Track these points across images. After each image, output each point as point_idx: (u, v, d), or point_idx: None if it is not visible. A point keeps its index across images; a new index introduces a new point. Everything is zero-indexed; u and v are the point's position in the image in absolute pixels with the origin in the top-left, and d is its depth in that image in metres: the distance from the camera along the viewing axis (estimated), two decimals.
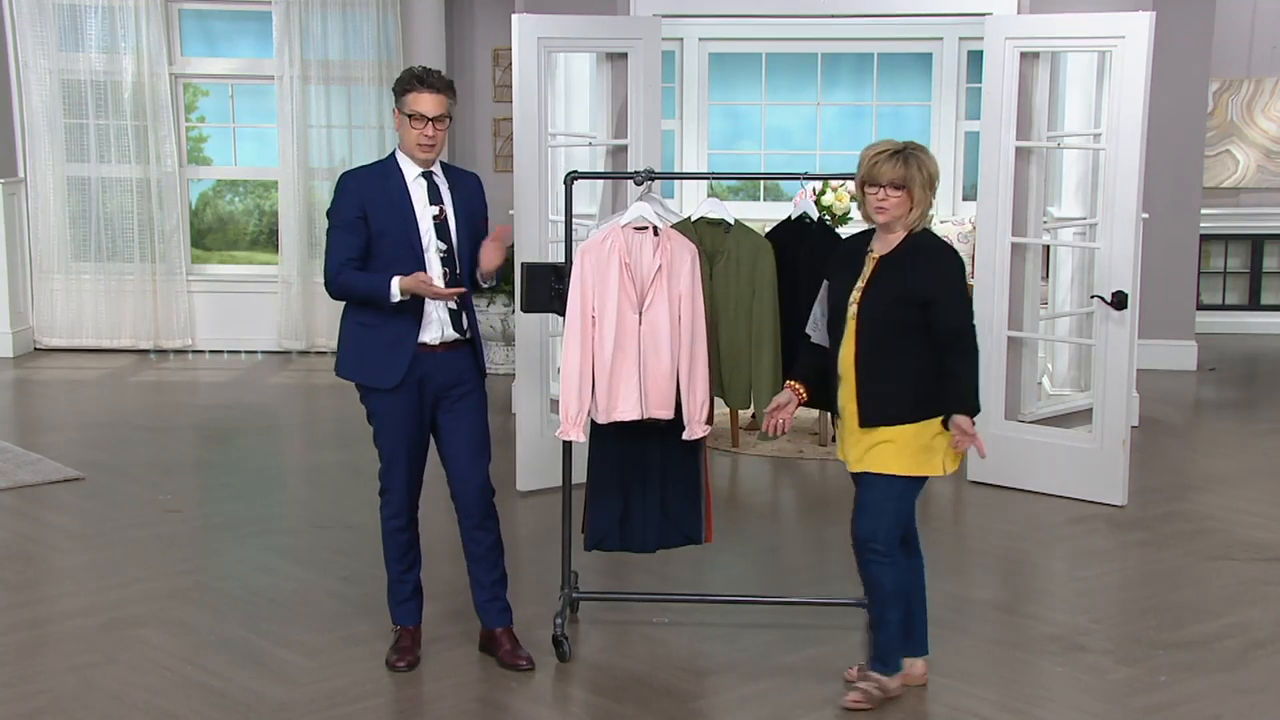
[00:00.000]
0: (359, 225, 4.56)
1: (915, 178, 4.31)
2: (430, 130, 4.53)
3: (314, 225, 10.18)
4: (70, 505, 6.63)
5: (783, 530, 6.60)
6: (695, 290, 4.74)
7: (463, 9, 10.33)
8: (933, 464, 4.39)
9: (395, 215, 4.57)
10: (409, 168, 4.62)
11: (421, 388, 4.64)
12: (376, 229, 4.56)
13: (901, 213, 4.34)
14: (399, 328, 4.58)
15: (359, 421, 4.88)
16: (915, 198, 4.32)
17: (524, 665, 4.75)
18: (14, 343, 10.08)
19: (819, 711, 4.49)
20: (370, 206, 4.56)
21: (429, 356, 4.62)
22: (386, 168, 4.65)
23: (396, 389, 4.61)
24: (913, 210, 4.35)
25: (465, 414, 4.70)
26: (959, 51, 10.48)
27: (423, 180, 4.62)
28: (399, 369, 4.59)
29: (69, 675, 4.71)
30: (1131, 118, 6.45)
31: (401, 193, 4.59)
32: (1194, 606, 5.43)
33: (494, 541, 4.82)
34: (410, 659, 4.79)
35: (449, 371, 4.66)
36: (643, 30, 6.93)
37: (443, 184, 4.65)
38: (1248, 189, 10.90)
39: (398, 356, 4.59)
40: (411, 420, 4.65)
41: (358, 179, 4.64)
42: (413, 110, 4.53)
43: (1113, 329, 6.65)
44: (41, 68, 10.00)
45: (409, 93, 4.53)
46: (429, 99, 4.52)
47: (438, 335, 4.62)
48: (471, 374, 4.70)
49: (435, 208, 4.61)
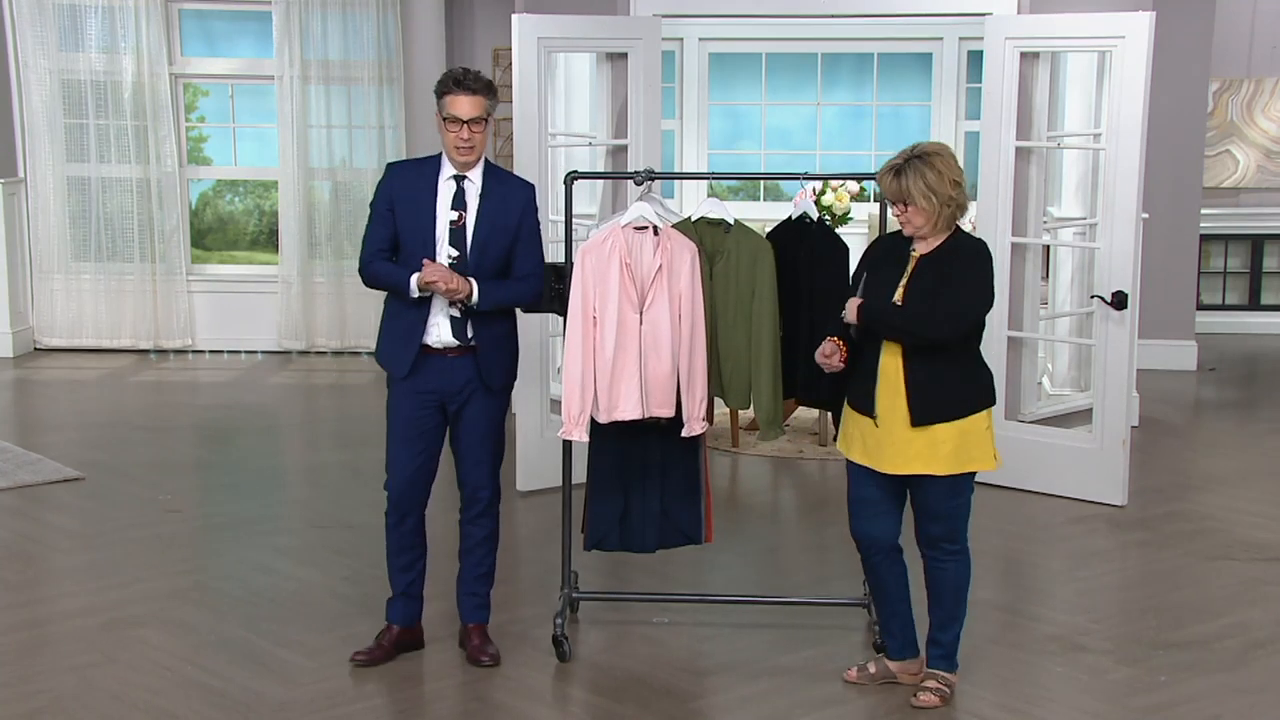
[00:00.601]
0: (388, 217, 4.63)
1: (911, 190, 4.29)
2: (465, 133, 4.54)
3: (314, 225, 10.19)
4: (70, 505, 6.63)
5: (783, 530, 6.60)
6: (695, 289, 4.74)
7: (463, 9, 10.33)
8: (984, 458, 4.42)
9: (416, 214, 4.60)
10: (446, 168, 4.63)
11: (431, 389, 4.65)
12: (401, 224, 4.60)
13: (922, 223, 4.33)
14: (411, 322, 4.63)
15: (359, 421, 4.89)
16: (925, 207, 4.30)
17: (485, 661, 4.78)
18: (14, 343, 10.08)
19: (819, 711, 4.50)
20: (398, 201, 4.61)
21: (435, 359, 4.64)
22: (427, 164, 4.68)
23: (406, 379, 4.65)
24: (934, 218, 4.32)
25: (471, 421, 4.72)
26: (959, 51, 10.47)
27: (452, 183, 4.62)
28: (406, 362, 4.64)
29: (69, 675, 4.70)
30: (1131, 118, 6.45)
31: (428, 192, 4.61)
32: (1194, 606, 5.43)
33: (484, 538, 4.84)
34: (370, 656, 4.79)
35: (452, 377, 4.67)
36: (643, 30, 6.93)
37: (473, 190, 4.63)
38: (1248, 189, 10.90)
39: (406, 349, 4.64)
40: (414, 415, 4.67)
41: (397, 171, 4.72)
42: (449, 113, 4.54)
43: (1113, 329, 6.65)
44: (41, 68, 10.00)
45: (446, 95, 4.54)
46: (466, 101, 4.52)
47: (437, 339, 4.63)
48: (474, 384, 4.69)
49: (455, 213, 4.61)
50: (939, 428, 4.35)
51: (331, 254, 10.20)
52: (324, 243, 10.20)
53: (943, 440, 4.36)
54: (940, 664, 4.57)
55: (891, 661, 4.67)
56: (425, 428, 4.70)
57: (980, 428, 4.40)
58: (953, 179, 4.31)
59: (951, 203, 4.32)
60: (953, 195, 4.32)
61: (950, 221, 4.37)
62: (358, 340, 10.22)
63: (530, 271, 4.71)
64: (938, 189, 4.29)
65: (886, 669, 4.67)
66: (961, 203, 4.35)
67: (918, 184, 4.29)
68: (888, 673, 4.67)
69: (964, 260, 4.36)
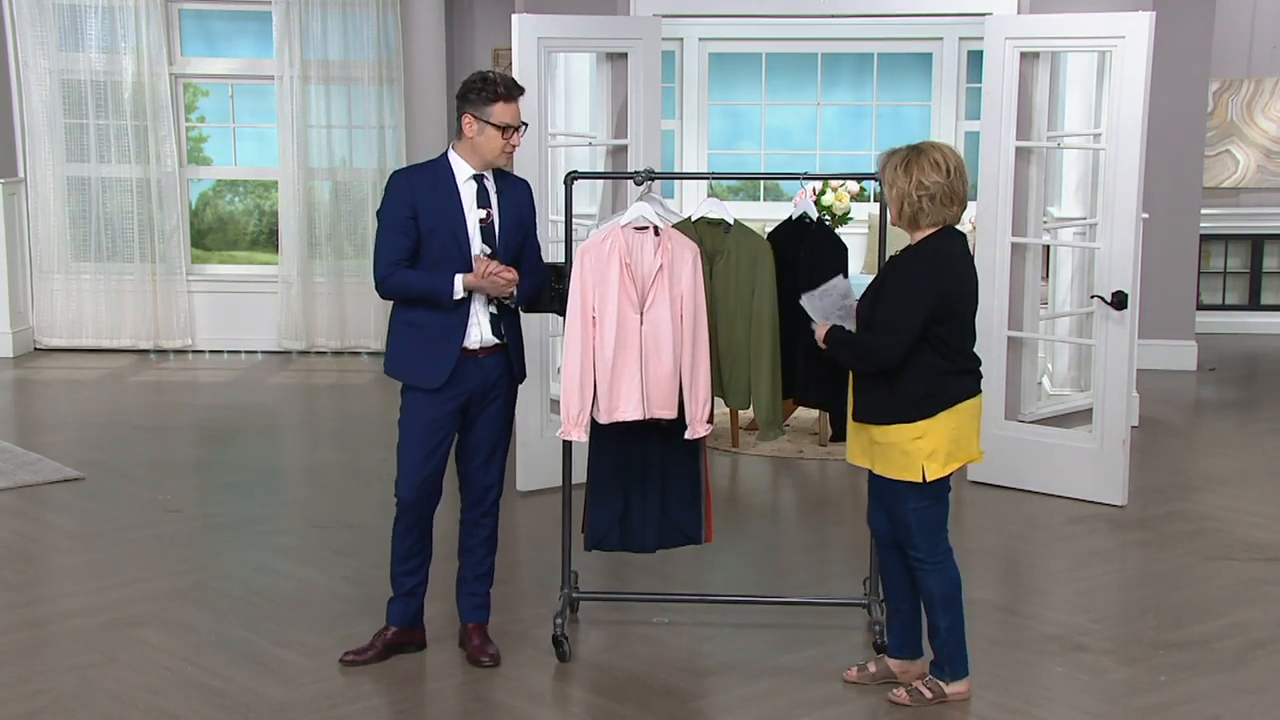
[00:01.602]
0: (410, 226, 4.57)
1: (882, 177, 4.37)
2: (516, 138, 4.59)
3: (314, 225, 10.18)
4: (70, 505, 6.63)
5: (783, 530, 6.60)
6: (697, 290, 4.74)
7: (463, 9, 10.33)
8: (906, 468, 4.35)
9: (445, 216, 4.58)
10: (461, 169, 4.63)
11: (460, 392, 4.64)
12: (425, 229, 4.57)
13: (893, 219, 4.38)
14: (445, 328, 4.59)
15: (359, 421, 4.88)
16: (889, 197, 4.36)
17: (485, 661, 4.78)
18: (14, 343, 10.08)
19: (819, 711, 4.50)
20: (421, 206, 4.57)
21: (470, 361, 4.64)
22: (438, 168, 4.67)
23: (439, 391, 4.61)
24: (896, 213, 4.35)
25: (491, 419, 4.73)
26: (959, 51, 10.48)
27: (473, 183, 4.63)
28: (444, 370, 4.59)
29: (69, 675, 4.70)
30: (1131, 118, 6.45)
31: (452, 193, 4.60)
32: (1194, 606, 5.43)
33: (486, 537, 4.84)
34: (359, 656, 4.79)
35: (485, 376, 4.67)
36: (643, 30, 6.93)
37: (492, 188, 4.66)
38: (1248, 189, 10.90)
39: (443, 358, 4.59)
40: (437, 421, 4.64)
41: (409, 178, 4.66)
42: (499, 120, 4.54)
43: (1113, 329, 6.65)
44: (41, 68, 10.00)
45: (495, 103, 4.54)
46: (514, 108, 4.57)
47: (477, 340, 4.63)
48: (504, 380, 4.72)
49: (483, 211, 4.62)
50: (872, 428, 4.41)
51: (331, 254, 10.20)
52: (324, 243, 10.20)
53: (876, 441, 4.41)
54: (932, 669, 4.57)
55: (891, 660, 4.67)
56: (445, 433, 4.68)
57: (905, 439, 4.32)
58: (921, 180, 4.26)
59: (913, 204, 4.29)
60: (915, 196, 4.28)
61: (913, 222, 4.34)
62: (358, 340, 10.22)
63: (537, 263, 4.79)
64: (897, 183, 4.30)
65: (887, 668, 4.66)
66: (924, 208, 4.29)
67: (887, 173, 4.34)
68: (888, 672, 4.66)
69: (899, 272, 4.36)
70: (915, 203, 4.29)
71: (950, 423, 4.34)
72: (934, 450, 4.32)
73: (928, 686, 4.52)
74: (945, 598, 4.46)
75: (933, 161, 4.28)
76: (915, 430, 4.32)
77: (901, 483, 4.38)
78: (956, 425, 4.35)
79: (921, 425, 4.32)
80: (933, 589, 4.46)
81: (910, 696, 4.51)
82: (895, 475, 4.38)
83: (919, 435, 4.32)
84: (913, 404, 4.32)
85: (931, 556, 4.43)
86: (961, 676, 4.53)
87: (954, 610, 4.48)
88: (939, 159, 4.29)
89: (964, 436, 4.38)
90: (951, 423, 4.34)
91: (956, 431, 4.35)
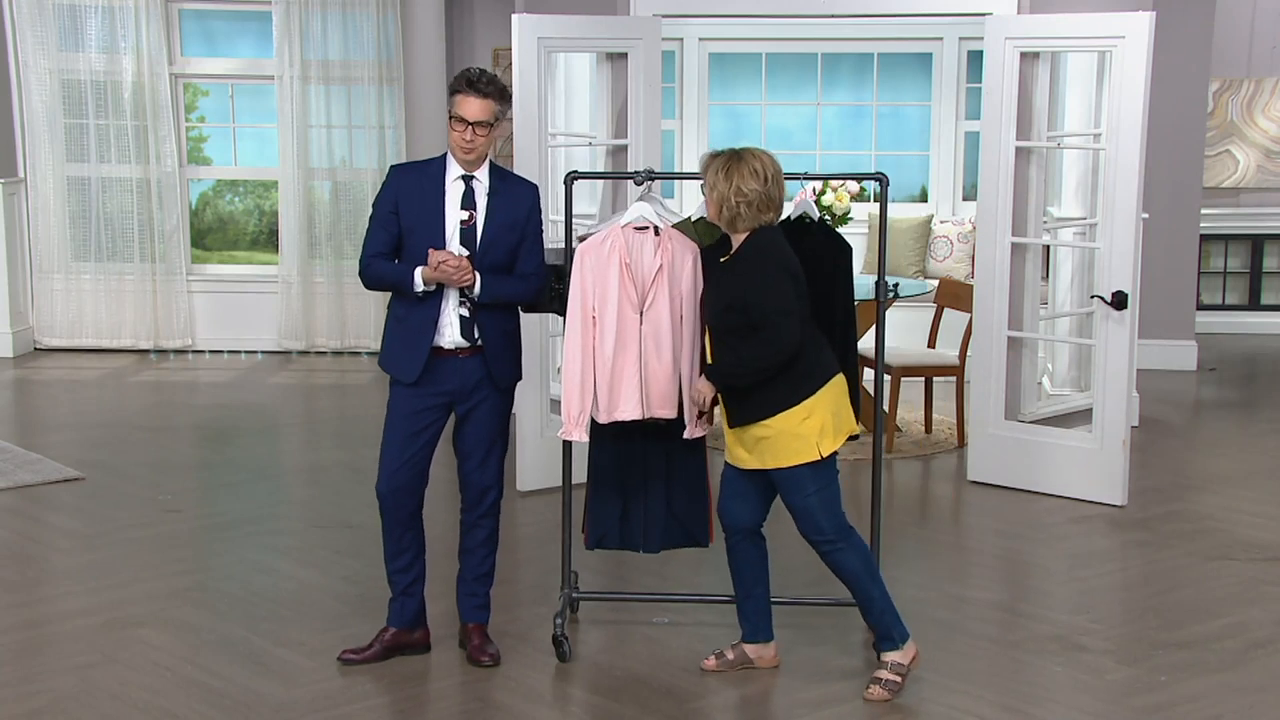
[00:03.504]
0: (391, 220, 4.61)
1: (705, 179, 4.44)
2: (469, 134, 4.55)
3: (314, 225, 10.19)
4: (70, 505, 6.63)
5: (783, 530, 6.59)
6: (697, 290, 4.75)
7: (463, 9, 10.33)
8: (804, 450, 4.41)
9: (424, 213, 4.60)
10: (452, 168, 4.64)
11: (439, 391, 4.65)
12: (406, 225, 4.60)
13: (712, 217, 4.47)
14: (420, 324, 4.62)
15: (359, 421, 4.89)
16: (709, 199, 4.44)
17: (485, 661, 4.78)
18: (14, 343, 10.09)
19: (819, 711, 4.50)
20: (403, 201, 4.60)
21: (449, 360, 4.65)
22: (431, 165, 4.69)
23: (414, 385, 4.63)
24: (716, 214, 4.42)
25: (480, 421, 4.73)
26: (959, 51, 10.47)
27: (461, 183, 4.63)
28: (416, 365, 4.62)
29: (69, 675, 4.71)
30: (1131, 118, 6.45)
31: (435, 192, 4.61)
32: (1194, 606, 5.43)
33: (485, 538, 4.84)
34: (357, 655, 4.80)
35: (464, 379, 4.67)
36: (643, 30, 6.93)
37: (481, 190, 4.65)
38: (1248, 189, 10.90)
39: (417, 353, 4.62)
40: (415, 417, 4.66)
41: (400, 173, 4.70)
42: (456, 112, 4.55)
43: (1113, 329, 6.65)
44: (41, 68, 10.01)
45: (456, 94, 4.56)
46: (474, 103, 4.53)
47: (451, 340, 4.64)
48: (485, 384, 4.70)
49: (465, 212, 4.62)
50: (753, 428, 4.44)
51: (331, 254, 10.21)
52: (324, 243, 10.21)
53: (760, 438, 4.45)
54: (884, 645, 4.59)
55: (747, 645, 4.76)
56: (423, 430, 4.69)
57: (794, 424, 4.40)
58: (740, 186, 4.35)
59: (731, 208, 4.38)
60: (734, 201, 4.37)
61: (731, 224, 4.43)
62: (358, 340, 10.23)
63: (533, 271, 4.75)
64: (717, 187, 4.39)
65: (743, 653, 4.76)
66: (742, 213, 4.37)
67: (708, 175, 4.42)
68: (745, 658, 4.76)
69: (745, 267, 4.40)
70: (734, 207, 4.39)
71: (828, 397, 4.46)
72: (823, 425, 4.43)
73: (892, 671, 4.55)
74: (868, 570, 4.55)
75: (752, 169, 4.37)
76: (802, 411, 4.40)
77: (800, 468, 4.43)
78: (834, 398, 4.48)
79: (808, 404, 4.41)
80: (853, 566, 4.52)
81: (886, 690, 4.53)
82: (793, 461, 4.43)
83: (807, 415, 4.41)
84: (792, 388, 4.40)
85: (840, 535, 4.50)
86: (907, 638, 4.59)
87: (877, 578, 4.57)
88: (758, 167, 4.38)
89: (841, 409, 4.50)
90: (829, 396, 4.46)
91: (835, 404, 4.48)
